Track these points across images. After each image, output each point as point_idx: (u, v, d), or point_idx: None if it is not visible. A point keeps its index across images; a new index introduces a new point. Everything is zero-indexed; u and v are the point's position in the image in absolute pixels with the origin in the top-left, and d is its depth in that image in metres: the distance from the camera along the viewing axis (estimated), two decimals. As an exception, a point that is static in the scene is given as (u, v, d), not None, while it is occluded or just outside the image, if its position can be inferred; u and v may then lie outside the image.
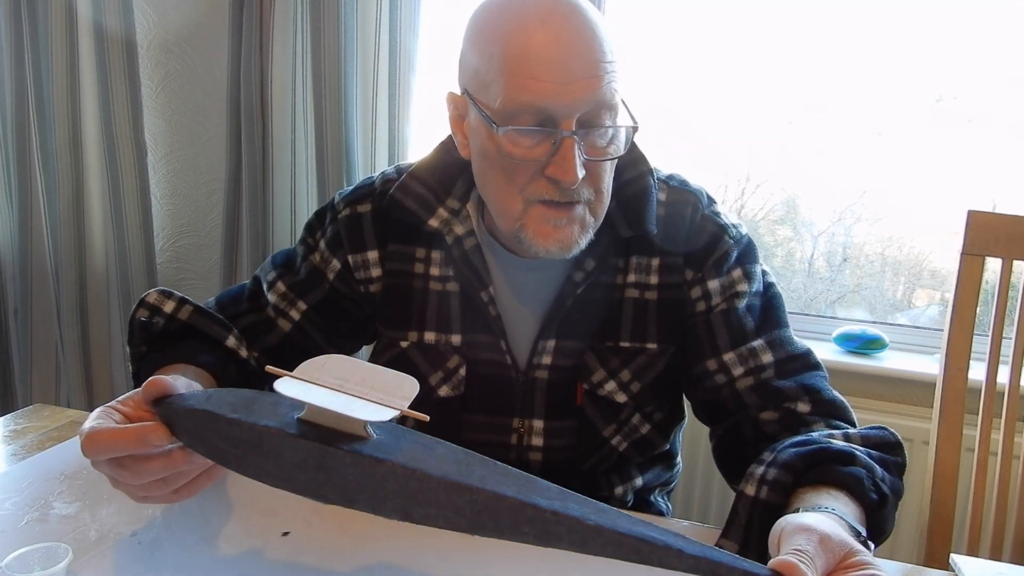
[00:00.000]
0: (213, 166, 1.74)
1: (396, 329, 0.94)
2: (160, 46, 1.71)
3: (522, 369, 0.91)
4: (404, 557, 0.69)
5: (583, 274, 0.87)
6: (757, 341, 0.88)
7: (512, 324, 0.91)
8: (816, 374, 0.88)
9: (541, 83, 0.73)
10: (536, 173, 0.77)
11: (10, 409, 1.73)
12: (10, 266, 1.80)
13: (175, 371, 0.79)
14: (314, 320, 0.95)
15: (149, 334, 0.87)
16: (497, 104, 0.76)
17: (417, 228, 0.90)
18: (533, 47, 0.73)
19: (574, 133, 0.74)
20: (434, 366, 0.92)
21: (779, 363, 0.87)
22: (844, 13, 1.61)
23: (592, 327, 0.90)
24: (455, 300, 0.91)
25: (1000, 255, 1.10)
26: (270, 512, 0.76)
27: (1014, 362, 1.09)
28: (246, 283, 0.99)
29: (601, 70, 0.75)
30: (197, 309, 0.89)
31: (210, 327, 0.88)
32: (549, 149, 0.76)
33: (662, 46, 1.71)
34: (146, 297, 0.88)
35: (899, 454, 0.79)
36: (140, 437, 0.60)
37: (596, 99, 0.75)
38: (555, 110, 0.74)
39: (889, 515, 0.73)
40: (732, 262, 0.90)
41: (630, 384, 0.91)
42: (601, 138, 0.78)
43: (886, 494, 0.71)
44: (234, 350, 0.89)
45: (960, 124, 1.62)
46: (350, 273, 0.94)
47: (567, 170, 0.74)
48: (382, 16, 1.47)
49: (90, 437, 0.60)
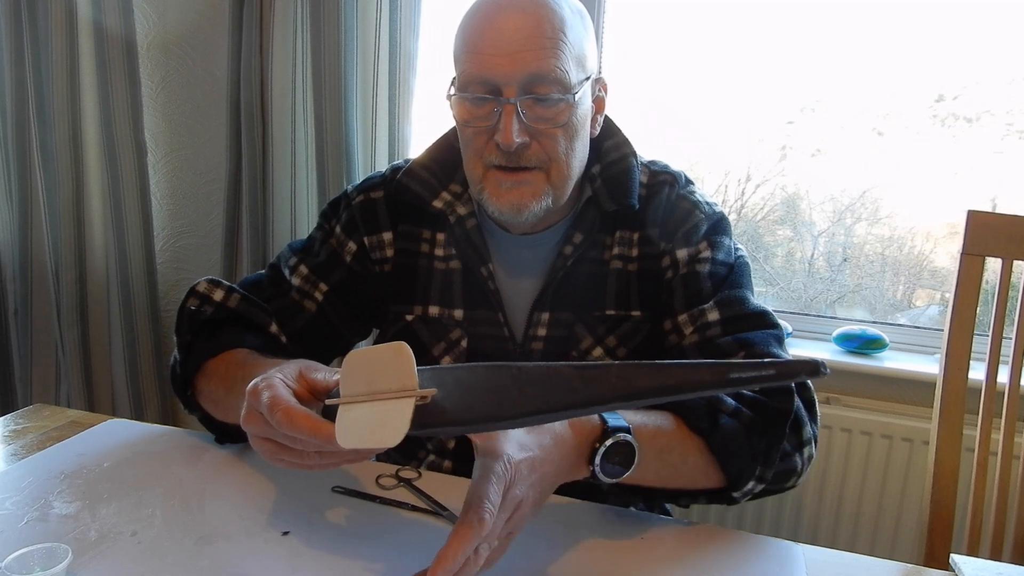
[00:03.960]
0: (213, 166, 1.74)
1: (403, 303, 0.99)
2: (160, 46, 1.71)
3: (519, 341, 0.96)
4: (404, 557, 0.69)
5: (572, 248, 0.94)
6: (708, 303, 0.90)
7: (509, 298, 0.97)
8: (764, 332, 0.88)
9: (485, 55, 0.83)
10: (489, 139, 0.86)
11: (10, 409, 1.73)
12: (10, 266, 1.80)
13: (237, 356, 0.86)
14: (334, 302, 0.99)
15: (195, 322, 0.92)
16: (458, 80, 0.87)
17: (423, 210, 0.97)
18: (483, 26, 0.84)
19: (511, 100, 0.83)
20: (437, 337, 0.98)
21: (725, 321, 0.88)
22: (844, 13, 1.61)
23: (582, 299, 0.95)
24: (457, 277, 0.97)
25: (1000, 255, 1.10)
26: (270, 512, 0.76)
27: (1014, 362, 1.09)
28: (262, 272, 1.03)
29: (539, 44, 0.82)
30: (244, 297, 0.95)
31: (256, 314, 0.95)
32: (495, 117, 0.84)
33: (662, 45, 1.71)
34: (196, 287, 0.94)
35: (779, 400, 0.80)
36: (328, 438, 0.58)
37: (535, 71, 0.82)
38: (496, 79, 0.83)
39: (734, 446, 0.77)
40: (701, 235, 0.94)
41: (616, 350, 0.95)
42: (547, 109, 0.85)
43: (719, 423, 0.77)
44: (276, 335, 0.95)
45: (960, 124, 1.62)
46: (366, 254, 1.00)
47: (504, 134, 0.83)
48: (382, 16, 1.47)
49: (287, 413, 0.59)
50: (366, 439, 0.55)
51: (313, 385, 0.66)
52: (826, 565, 0.73)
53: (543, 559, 0.70)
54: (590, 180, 0.96)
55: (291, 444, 0.62)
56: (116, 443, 0.90)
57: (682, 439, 0.78)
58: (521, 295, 0.97)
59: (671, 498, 0.84)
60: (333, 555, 0.69)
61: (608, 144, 0.97)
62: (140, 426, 0.95)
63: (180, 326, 0.92)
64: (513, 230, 0.96)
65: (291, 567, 0.67)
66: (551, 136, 0.86)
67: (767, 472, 0.79)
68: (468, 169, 0.92)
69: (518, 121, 0.83)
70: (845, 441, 1.55)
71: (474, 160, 0.89)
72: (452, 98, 0.88)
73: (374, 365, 0.57)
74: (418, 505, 0.78)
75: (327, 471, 0.82)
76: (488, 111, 0.85)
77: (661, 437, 0.76)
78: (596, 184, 0.95)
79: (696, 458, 0.78)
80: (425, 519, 0.76)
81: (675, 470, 0.77)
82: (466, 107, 0.86)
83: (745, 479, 0.78)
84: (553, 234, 0.96)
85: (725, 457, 0.78)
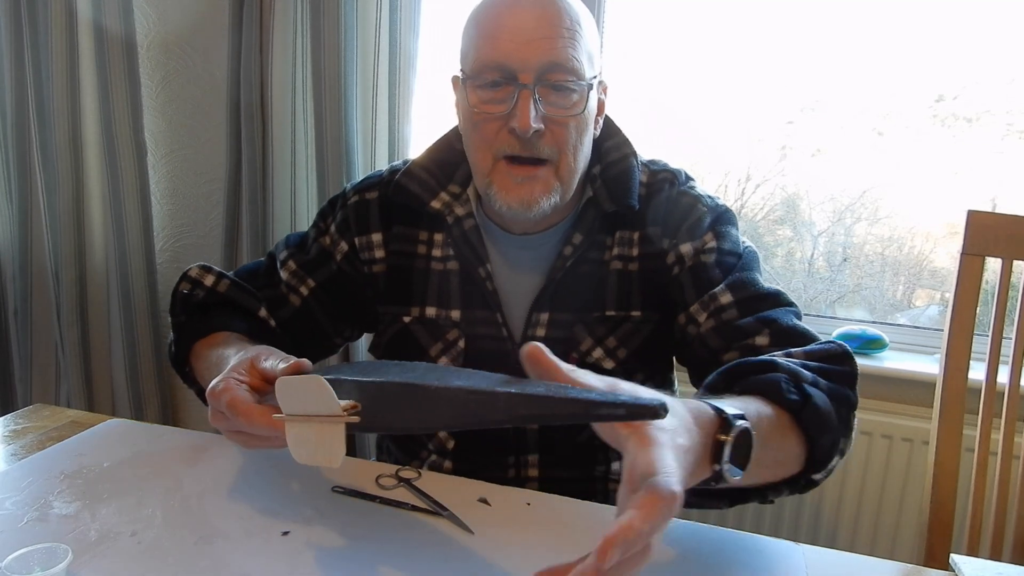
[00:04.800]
0: (213, 166, 1.74)
1: (399, 305, 1.00)
2: (160, 46, 1.71)
3: (517, 342, 0.95)
4: (404, 557, 0.69)
5: (572, 248, 0.93)
6: (719, 287, 0.89)
7: (508, 299, 0.96)
8: (782, 309, 0.86)
9: (500, 41, 0.83)
10: (501, 127, 0.86)
11: (10, 409, 1.73)
12: (10, 266, 1.80)
13: (220, 338, 0.92)
14: (320, 298, 1.01)
15: (188, 305, 0.98)
16: (469, 67, 0.87)
17: (420, 211, 0.97)
18: (498, 15, 0.85)
19: (528, 86, 0.83)
20: (434, 338, 0.98)
21: (740, 303, 0.87)
22: (844, 13, 1.61)
23: (581, 300, 0.95)
24: (455, 278, 0.97)
25: (1000, 255, 1.10)
26: (270, 512, 0.76)
27: (1014, 362, 1.09)
28: (262, 260, 1.06)
29: (557, 33, 0.83)
30: (233, 283, 1.00)
31: (244, 299, 0.99)
32: (510, 103, 0.84)
33: (662, 46, 1.71)
34: (188, 272, 0.99)
35: (844, 363, 0.78)
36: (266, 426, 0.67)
37: (552, 58, 0.83)
38: (512, 65, 0.83)
39: (825, 417, 0.70)
40: (705, 227, 0.93)
41: (616, 351, 0.94)
42: (563, 98, 0.85)
43: (809, 394, 0.70)
44: (265, 319, 1.00)
45: (960, 124, 1.62)
46: (356, 255, 1.01)
47: (521, 118, 0.83)
48: (382, 16, 1.47)
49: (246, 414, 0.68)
50: (315, 458, 0.64)
51: (264, 374, 0.73)
52: (826, 565, 0.73)
53: (542, 559, 0.70)
54: (591, 181, 0.95)
55: (255, 434, 0.70)
56: (116, 443, 0.90)
57: (778, 419, 0.68)
58: (520, 295, 0.96)
59: (759, 494, 0.73)
60: (333, 555, 0.69)
61: (608, 144, 0.97)
62: (140, 426, 0.95)
63: (173, 308, 0.99)
64: (513, 230, 0.96)
65: (291, 567, 0.67)
66: (564, 125, 0.86)
67: (848, 444, 0.74)
68: (474, 160, 0.91)
69: (535, 107, 0.83)
70: (845, 441, 1.54)
71: (482, 150, 0.88)
72: (466, 83, 0.87)
73: (299, 392, 0.64)
74: (418, 505, 0.78)
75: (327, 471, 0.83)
76: (503, 96, 0.85)
77: (763, 421, 0.65)
78: (596, 184, 0.94)
79: (791, 439, 0.69)
80: (425, 519, 0.76)
81: (775, 457, 0.68)
82: (478, 92, 0.86)
83: (832, 454, 0.72)
84: (553, 234, 0.96)
85: (817, 432, 0.69)
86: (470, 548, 0.71)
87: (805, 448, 0.71)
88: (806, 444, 0.70)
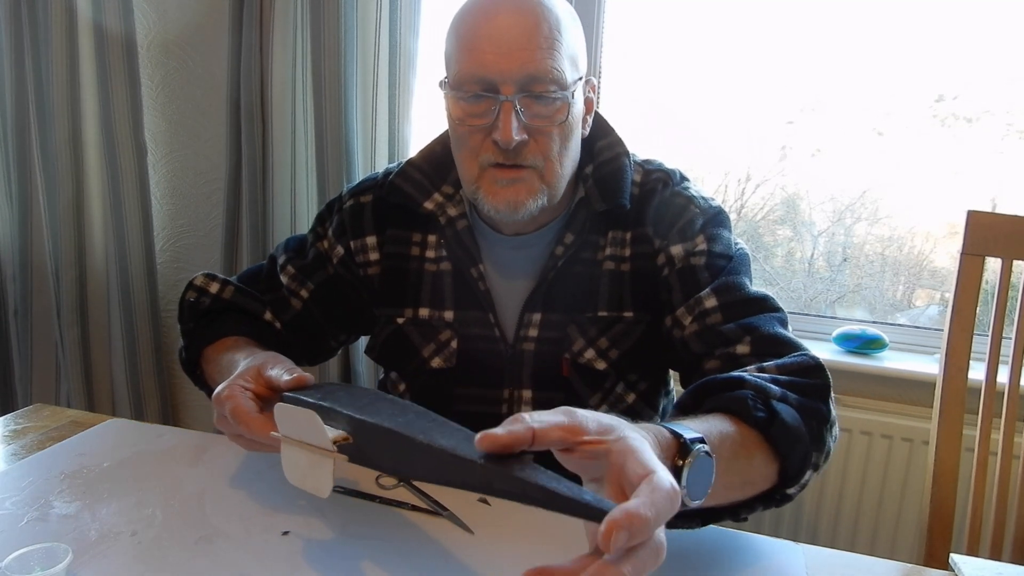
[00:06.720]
0: (213, 166, 1.74)
1: (393, 307, 1.00)
2: (160, 46, 1.71)
3: (510, 342, 0.96)
4: (404, 557, 0.69)
5: (563, 248, 0.93)
6: (705, 290, 0.88)
7: (500, 299, 0.97)
8: (766, 315, 0.85)
9: (481, 53, 0.83)
10: (485, 138, 0.86)
11: (10, 409, 1.73)
12: (10, 266, 1.80)
13: (228, 343, 0.95)
14: (318, 302, 1.03)
15: (195, 312, 1.01)
16: (452, 78, 0.87)
17: (414, 213, 0.98)
18: (479, 25, 0.84)
19: (509, 98, 0.83)
20: (427, 339, 0.98)
21: (725, 307, 0.86)
22: (844, 13, 1.61)
23: (574, 300, 0.95)
24: (448, 278, 0.98)
25: (1000, 255, 1.10)
26: (270, 512, 0.76)
27: (1014, 362, 1.09)
28: (263, 263, 1.08)
29: (536, 44, 0.82)
30: (237, 288, 1.03)
31: (249, 303, 1.03)
32: (492, 116, 0.84)
33: (661, 46, 1.71)
34: (193, 280, 1.03)
35: (816, 376, 0.77)
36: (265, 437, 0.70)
37: (531, 71, 0.82)
38: (493, 76, 0.83)
39: (795, 432, 0.69)
40: (696, 229, 0.93)
41: (608, 351, 0.94)
42: (545, 107, 0.85)
43: (776, 411, 0.69)
44: (270, 322, 1.03)
45: (960, 124, 1.62)
46: (351, 258, 1.02)
47: (503, 131, 0.83)
48: (382, 16, 1.47)
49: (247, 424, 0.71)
50: (305, 484, 0.65)
51: (269, 382, 0.75)
52: (826, 565, 0.73)
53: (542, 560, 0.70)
54: (583, 180, 0.95)
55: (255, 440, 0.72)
56: (116, 443, 0.90)
57: (743, 438, 0.67)
58: (512, 296, 0.96)
59: (731, 512, 0.72)
60: (333, 555, 0.69)
61: (601, 144, 0.97)
62: (140, 426, 0.95)
63: (182, 315, 1.03)
64: (505, 231, 0.96)
65: (291, 567, 0.67)
66: (547, 134, 0.86)
67: (820, 458, 0.74)
68: (462, 169, 0.91)
69: (516, 119, 0.83)
70: (845, 441, 1.55)
71: (469, 159, 0.89)
72: (447, 96, 0.88)
73: (295, 420, 0.65)
74: (418, 505, 0.78)
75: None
76: (484, 109, 0.85)
77: (726, 442, 0.65)
78: (588, 184, 0.94)
79: (759, 457, 0.68)
80: (425, 519, 0.76)
81: (742, 477, 0.67)
82: (461, 105, 0.86)
83: (804, 469, 0.71)
84: (545, 235, 0.95)
85: (787, 448, 0.68)
86: (470, 548, 0.71)
87: (776, 464, 0.70)
88: (777, 460, 0.69)
